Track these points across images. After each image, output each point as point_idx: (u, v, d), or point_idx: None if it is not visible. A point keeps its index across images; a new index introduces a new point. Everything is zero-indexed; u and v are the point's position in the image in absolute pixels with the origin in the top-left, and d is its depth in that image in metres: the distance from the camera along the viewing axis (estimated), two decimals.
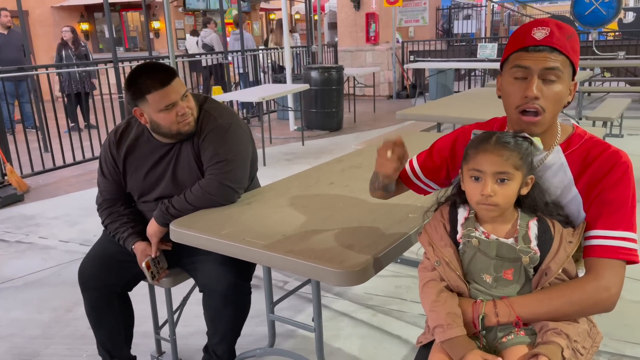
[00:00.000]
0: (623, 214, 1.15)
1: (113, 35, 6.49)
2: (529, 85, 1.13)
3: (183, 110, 1.77)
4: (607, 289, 1.13)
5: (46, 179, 5.35)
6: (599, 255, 1.15)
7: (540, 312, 1.14)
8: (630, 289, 2.62)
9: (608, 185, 1.15)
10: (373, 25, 10.24)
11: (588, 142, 1.21)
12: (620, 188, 1.15)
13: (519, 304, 1.14)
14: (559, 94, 1.14)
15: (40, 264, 3.31)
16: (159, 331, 2.18)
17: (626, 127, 6.32)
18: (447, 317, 1.14)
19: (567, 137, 1.23)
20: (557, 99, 1.14)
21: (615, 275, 1.13)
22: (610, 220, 1.15)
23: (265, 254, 1.42)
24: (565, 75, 1.14)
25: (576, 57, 1.16)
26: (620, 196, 1.15)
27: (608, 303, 1.14)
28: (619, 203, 1.15)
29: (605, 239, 1.15)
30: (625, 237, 1.14)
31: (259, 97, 5.47)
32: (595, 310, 1.16)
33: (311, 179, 2.09)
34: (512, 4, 17.98)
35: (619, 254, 1.14)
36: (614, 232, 1.14)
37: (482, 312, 1.15)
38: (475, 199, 1.16)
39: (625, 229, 1.15)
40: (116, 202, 1.96)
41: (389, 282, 2.84)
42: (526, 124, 1.16)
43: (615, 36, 11.76)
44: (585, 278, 1.15)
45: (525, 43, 1.14)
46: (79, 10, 14.04)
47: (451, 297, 1.18)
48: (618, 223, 1.15)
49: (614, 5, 8.11)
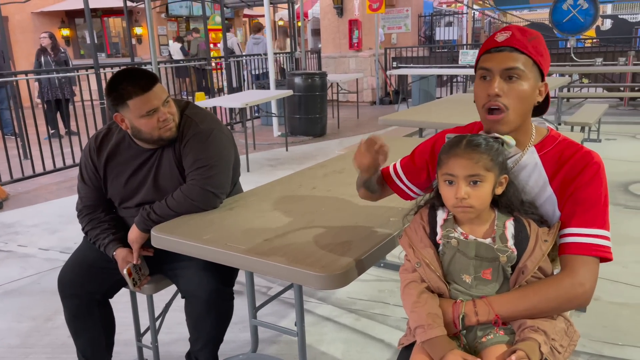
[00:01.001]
0: (596, 212, 1.18)
1: (94, 41, 6.43)
2: (490, 84, 1.19)
3: (164, 116, 1.76)
4: (582, 285, 1.15)
5: (26, 187, 5.28)
6: (574, 252, 1.18)
7: (519, 309, 1.16)
8: (607, 290, 2.67)
9: (581, 184, 1.18)
10: (356, 31, 10.31)
11: (562, 143, 1.24)
12: (593, 187, 1.18)
13: (498, 303, 1.16)
14: (523, 92, 1.18)
15: (19, 272, 3.25)
16: (140, 338, 2.16)
17: (603, 132, 6.45)
18: (427, 318, 1.16)
19: (542, 139, 1.27)
20: (521, 97, 1.19)
21: (589, 271, 1.16)
22: (584, 218, 1.18)
23: (247, 259, 1.42)
24: (530, 74, 1.19)
25: (541, 57, 1.21)
26: (593, 195, 1.18)
27: (583, 298, 1.16)
28: (592, 201, 1.18)
29: (579, 236, 1.18)
30: (599, 235, 1.18)
31: (242, 103, 5.47)
32: (571, 306, 1.18)
33: (294, 184, 2.10)
34: (493, 12, 18.25)
35: (593, 250, 1.17)
36: (587, 230, 1.17)
37: (462, 311, 1.17)
38: (451, 202, 1.19)
39: (598, 226, 1.18)
40: (97, 208, 1.94)
41: (372, 287, 2.85)
42: (492, 122, 1.21)
43: (593, 43, 12.00)
44: (560, 275, 1.18)
45: (489, 46, 1.21)
46: (59, 16, 13.90)
47: (432, 298, 1.20)
48: (592, 221, 1.18)
49: (592, 13, 8.28)
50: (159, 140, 1.82)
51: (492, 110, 1.20)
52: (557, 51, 9.57)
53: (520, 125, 1.23)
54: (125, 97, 1.72)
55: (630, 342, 2.25)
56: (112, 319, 2.01)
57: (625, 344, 2.24)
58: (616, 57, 8.50)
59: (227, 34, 10.07)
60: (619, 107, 8.77)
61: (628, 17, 18.17)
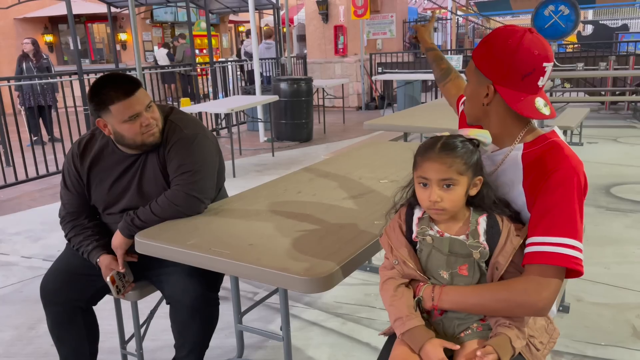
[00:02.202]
0: (565, 220, 1.13)
1: (78, 47, 6.38)
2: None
3: (147, 121, 1.76)
4: (537, 293, 1.11)
5: (8, 194, 5.20)
6: (533, 261, 1.13)
7: (468, 302, 1.17)
8: (589, 291, 2.71)
9: (550, 187, 1.14)
10: (341, 37, 10.36)
11: (548, 144, 1.21)
12: (562, 193, 1.13)
13: (451, 292, 1.18)
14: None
15: (2, 280, 3.20)
16: (125, 346, 2.14)
17: (585, 135, 6.55)
18: (405, 309, 1.19)
19: (535, 137, 1.25)
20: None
21: (548, 280, 1.11)
22: (549, 225, 1.13)
23: (232, 263, 1.42)
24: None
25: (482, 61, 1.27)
26: (562, 201, 1.13)
27: (537, 307, 1.12)
28: (561, 208, 1.13)
29: (540, 245, 1.13)
30: (565, 244, 1.12)
31: (227, 109, 5.45)
32: (523, 312, 1.15)
33: (279, 189, 2.10)
34: (476, 18, 18.47)
35: (556, 260, 1.11)
36: (549, 239, 1.12)
37: (420, 294, 1.20)
38: (425, 204, 1.21)
39: (562, 235, 1.12)
40: (80, 214, 1.92)
41: (358, 291, 2.86)
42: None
43: (574, 48, 12.19)
44: (517, 279, 1.16)
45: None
46: (42, 22, 13.77)
47: (408, 291, 1.23)
48: (555, 229, 1.12)
49: (573, 19, 8.41)
50: (142, 146, 1.81)
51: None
52: None
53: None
54: (107, 102, 1.71)
55: (612, 342, 2.28)
56: (95, 327, 1.99)
57: (608, 344, 2.27)
58: (597, 62, 8.63)
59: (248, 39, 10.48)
60: (601, 111, 8.92)
61: (609, 22, 18.53)
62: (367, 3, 9.74)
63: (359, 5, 9.79)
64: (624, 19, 20.76)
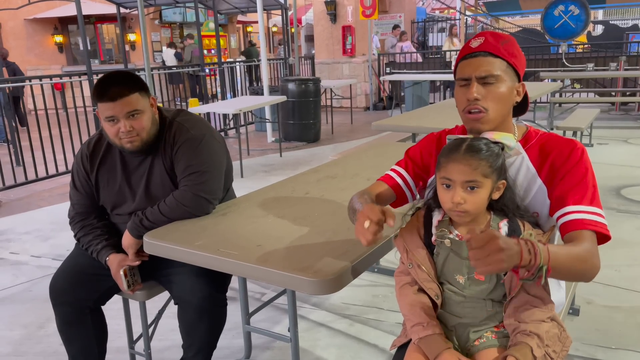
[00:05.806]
0: (587, 191, 1.21)
1: (87, 48, 6.43)
2: (469, 90, 1.24)
3: (124, 129, 1.74)
4: (598, 256, 1.17)
5: (18, 193, 5.24)
6: (577, 228, 1.17)
7: (572, 255, 1.11)
8: (600, 293, 2.69)
9: (570, 167, 1.23)
10: (349, 37, 10.35)
11: (543, 136, 1.31)
12: (581, 169, 1.22)
13: (552, 248, 1.06)
14: (500, 94, 1.24)
15: (11, 280, 3.23)
16: (133, 345, 2.14)
17: (595, 136, 6.49)
18: (425, 316, 1.17)
19: (524, 135, 1.33)
20: (498, 99, 1.24)
21: (593, 244, 1.17)
22: (577, 197, 1.20)
23: (240, 264, 1.42)
24: (506, 76, 1.24)
25: (514, 59, 1.26)
26: (583, 176, 1.22)
27: (597, 270, 1.17)
28: (584, 183, 1.21)
29: (577, 213, 1.19)
30: (595, 212, 1.19)
31: (235, 109, 5.46)
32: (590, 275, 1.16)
33: (287, 190, 2.10)
34: (485, 18, 18.38)
35: (592, 226, 1.18)
36: (584, 207, 1.19)
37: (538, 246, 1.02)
38: (447, 206, 1.19)
39: (594, 204, 1.20)
40: (89, 215, 1.93)
41: (366, 292, 2.85)
42: (472, 121, 1.26)
43: (584, 49, 12.09)
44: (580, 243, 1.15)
45: (464, 53, 1.27)
46: (52, 22, 13.86)
47: (425, 297, 1.22)
48: (586, 199, 1.20)
49: (583, 19, 8.37)
50: (122, 148, 1.82)
51: (472, 111, 1.25)
52: (549, 57, 9.64)
53: (501, 123, 1.28)
54: (97, 97, 1.73)
55: (623, 346, 2.26)
56: (104, 326, 2.00)
57: (618, 347, 2.25)
58: (607, 62, 8.55)
59: None
60: (611, 112, 8.84)
61: (619, 22, 18.37)
62: (375, 3, 9.72)
63: (367, 6, 9.77)
64: (634, 19, 20.56)
